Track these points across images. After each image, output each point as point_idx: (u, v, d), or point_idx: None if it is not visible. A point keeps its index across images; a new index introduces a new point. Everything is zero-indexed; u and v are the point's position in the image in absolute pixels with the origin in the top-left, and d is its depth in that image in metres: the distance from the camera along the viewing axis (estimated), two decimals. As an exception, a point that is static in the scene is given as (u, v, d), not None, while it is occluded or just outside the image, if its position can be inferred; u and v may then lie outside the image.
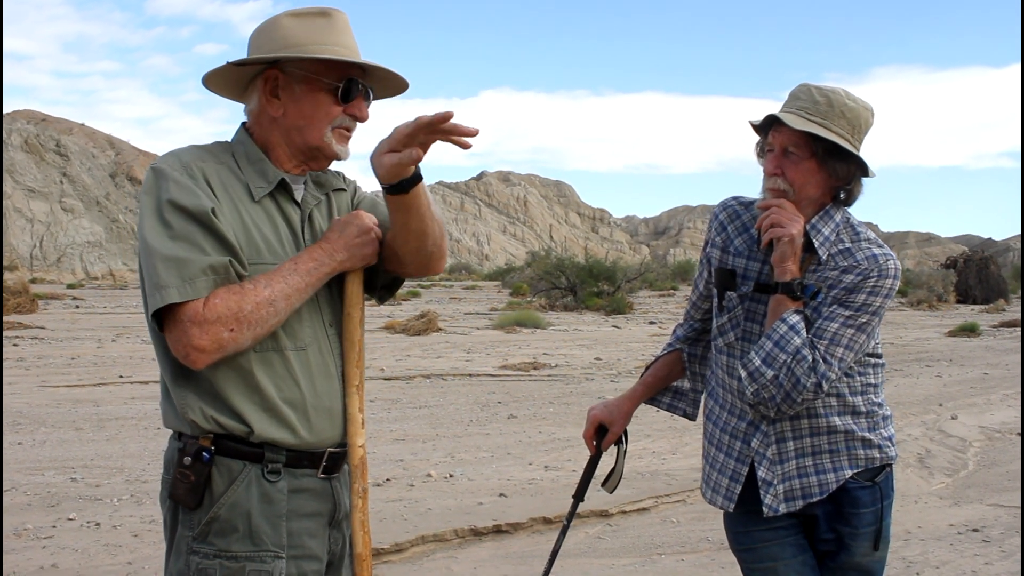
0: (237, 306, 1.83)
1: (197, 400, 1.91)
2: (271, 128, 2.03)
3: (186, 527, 1.92)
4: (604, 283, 31.90)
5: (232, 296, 1.83)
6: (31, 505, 5.84)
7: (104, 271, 69.81)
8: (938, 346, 17.82)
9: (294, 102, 2.00)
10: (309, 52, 1.96)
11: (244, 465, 1.91)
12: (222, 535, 1.90)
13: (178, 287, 1.80)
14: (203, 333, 1.80)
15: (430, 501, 6.06)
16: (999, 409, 10.15)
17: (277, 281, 1.89)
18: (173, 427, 1.97)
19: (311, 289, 1.95)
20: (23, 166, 72.20)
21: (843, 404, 2.42)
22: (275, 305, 1.87)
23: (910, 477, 7.01)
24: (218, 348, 1.82)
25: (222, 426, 1.90)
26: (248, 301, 1.84)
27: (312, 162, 2.07)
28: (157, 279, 1.81)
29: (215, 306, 1.81)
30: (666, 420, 8.94)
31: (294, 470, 1.96)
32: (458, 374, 12.80)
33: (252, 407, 1.91)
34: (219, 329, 1.81)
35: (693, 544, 5.37)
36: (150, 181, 1.90)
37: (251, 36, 2.05)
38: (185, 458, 1.90)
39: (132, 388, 11.09)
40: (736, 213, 2.53)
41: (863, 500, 2.42)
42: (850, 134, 2.33)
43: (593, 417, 2.76)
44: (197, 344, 1.80)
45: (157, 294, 1.81)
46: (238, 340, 1.84)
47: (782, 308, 2.33)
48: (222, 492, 1.90)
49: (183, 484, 1.90)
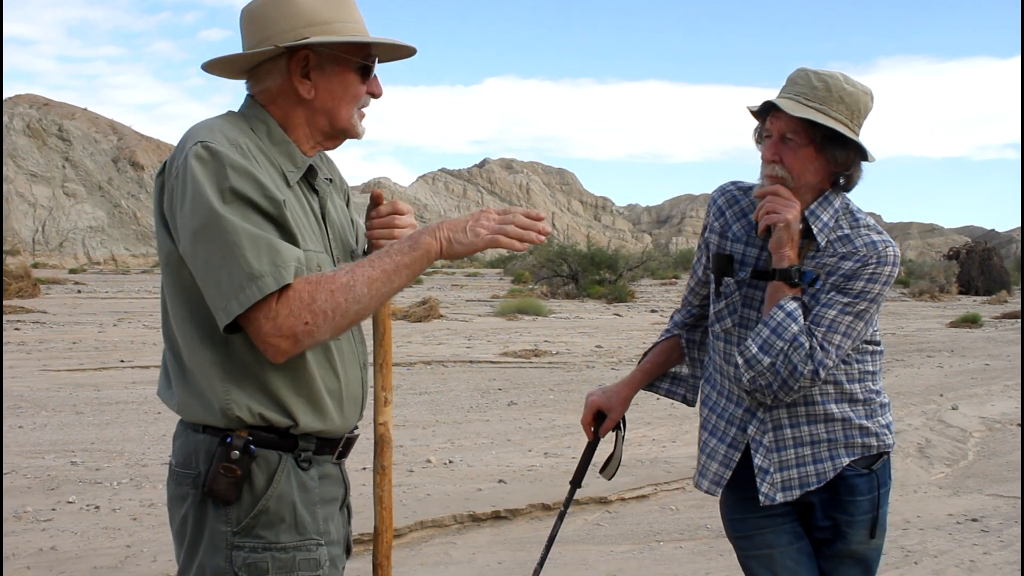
0: (310, 296, 1.73)
1: (244, 396, 1.82)
2: (294, 108, 1.95)
3: (221, 522, 1.84)
4: (606, 271, 31.89)
5: (305, 286, 1.74)
6: (31, 488, 5.86)
7: (106, 256, 69.87)
8: (940, 337, 17.81)
9: (325, 82, 1.93)
10: (339, 32, 1.91)
11: (280, 456, 1.86)
12: (270, 527, 1.85)
13: (274, 275, 1.70)
14: (277, 330, 1.72)
15: (429, 487, 6.06)
16: (1000, 400, 10.14)
17: (360, 267, 1.79)
18: (199, 420, 1.86)
19: (405, 271, 1.82)
20: (25, 151, 72.17)
21: (840, 391, 2.40)
22: (355, 292, 1.76)
23: (910, 467, 7.01)
24: (294, 343, 1.74)
25: (267, 420, 1.84)
26: (322, 290, 1.74)
27: (330, 141, 2.02)
28: (250, 268, 1.69)
29: (289, 298, 1.72)
30: (666, 408, 8.94)
31: (318, 457, 1.94)
32: (459, 361, 12.80)
33: (299, 400, 1.86)
34: (293, 323, 1.72)
35: (691, 532, 5.38)
36: (205, 161, 1.76)
37: (254, 9, 1.95)
38: (233, 452, 1.81)
39: (133, 373, 11.10)
40: (734, 198, 2.50)
41: (860, 488, 2.42)
42: (849, 119, 2.30)
43: (591, 403, 2.74)
44: (273, 341, 1.72)
45: (252, 285, 1.69)
46: (314, 333, 1.74)
47: (779, 295, 2.32)
48: (264, 484, 1.84)
49: (227, 479, 1.81)
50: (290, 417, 1.85)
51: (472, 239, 1.85)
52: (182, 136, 1.86)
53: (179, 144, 1.84)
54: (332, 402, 1.92)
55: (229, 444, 1.82)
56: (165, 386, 1.96)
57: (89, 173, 75.31)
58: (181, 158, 1.79)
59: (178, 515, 1.89)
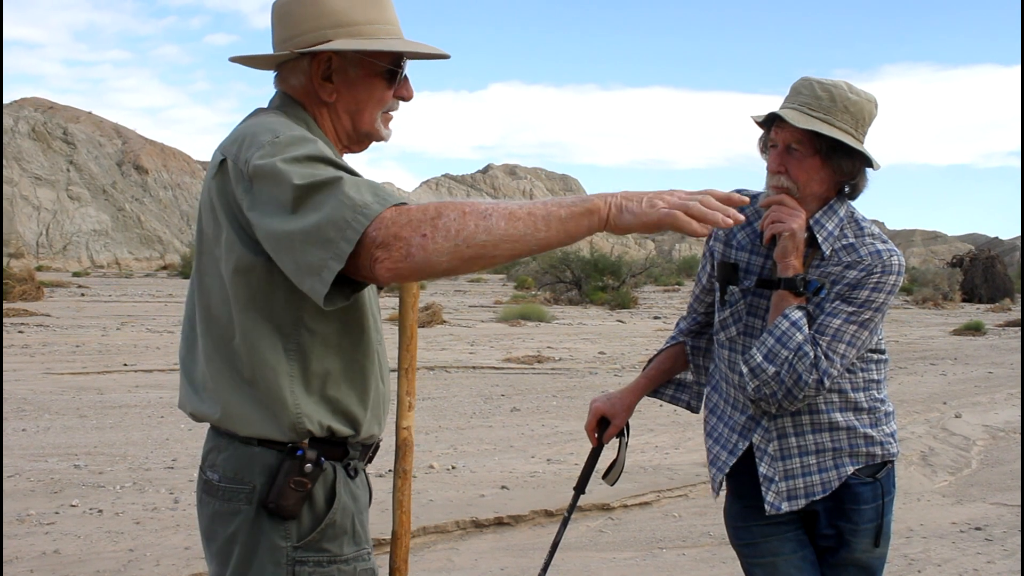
0: (436, 212, 1.50)
1: (315, 409, 1.77)
2: (320, 110, 1.90)
3: (280, 537, 1.76)
4: (609, 277, 31.89)
5: (436, 204, 1.52)
6: (34, 491, 5.86)
7: (110, 259, 69.95)
8: (943, 344, 17.78)
9: (348, 87, 1.87)
10: (365, 35, 1.84)
11: (334, 465, 1.82)
12: (335, 539, 1.80)
13: (380, 201, 1.53)
14: (390, 235, 1.49)
15: (432, 492, 6.06)
16: (1003, 408, 10.12)
17: (508, 201, 1.56)
18: (256, 434, 1.76)
19: (556, 224, 1.54)
20: (30, 154, 72.31)
21: (845, 400, 2.40)
22: (489, 219, 1.50)
23: (913, 475, 7.00)
24: (406, 254, 1.49)
25: (332, 432, 1.79)
26: (454, 209, 1.51)
27: (356, 145, 1.96)
28: (352, 202, 1.52)
29: (409, 210, 1.52)
30: (669, 414, 8.94)
31: (358, 463, 1.91)
32: (462, 366, 12.80)
33: (363, 409, 1.85)
34: (411, 233, 1.49)
35: (695, 539, 5.37)
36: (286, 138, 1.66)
37: (283, 5, 1.88)
38: (307, 465, 1.75)
39: (136, 376, 11.11)
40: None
41: (864, 496, 2.42)
42: (854, 128, 2.30)
43: (595, 409, 2.74)
44: (384, 242, 1.49)
45: (359, 215, 1.51)
46: (431, 249, 1.49)
47: (784, 304, 2.32)
48: (324, 496, 1.80)
49: (296, 493, 1.74)
50: (353, 427, 1.83)
51: (646, 210, 1.56)
52: (244, 132, 1.76)
53: (245, 142, 1.72)
54: (380, 407, 1.93)
55: (302, 458, 1.75)
56: (196, 399, 1.85)
57: (93, 176, 75.43)
58: (255, 154, 1.66)
59: (223, 532, 1.79)
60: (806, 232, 2.33)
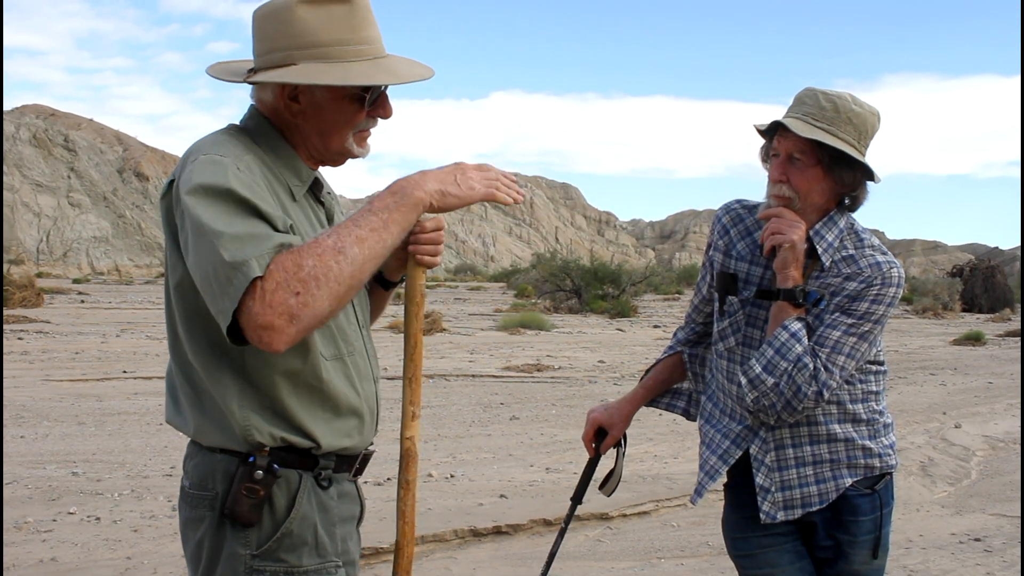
0: (294, 265, 1.57)
1: (264, 422, 1.77)
2: (290, 125, 1.88)
3: (240, 544, 1.77)
4: (609, 286, 31.87)
5: (288, 257, 1.59)
6: (32, 498, 5.85)
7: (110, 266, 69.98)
8: (943, 354, 17.77)
9: (315, 109, 1.84)
10: (334, 57, 1.79)
11: (300, 475, 1.81)
12: (292, 550, 1.80)
13: (257, 259, 1.58)
14: (266, 308, 1.56)
15: (430, 501, 6.05)
16: (1003, 418, 10.11)
17: (341, 226, 1.65)
18: (217, 444, 1.79)
19: (395, 227, 1.70)
20: (31, 160, 72.41)
21: (843, 411, 2.40)
22: (345, 253, 1.61)
23: (912, 485, 6.99)
24: (290, 319, 1.56)
25: (288, 443, 1.79)
26: (307, 256, 1.59)
27: (329, 162, 1.94)
28: (233, 259, 1.57)
29: (271, 273, 1.57)
30: (668, 424, 8.93)
31: (336, 475, 1.90)
32: (461, 375, 12.79)
33: (319, 422, 1.82)
34: (283, 297, 1.56)
35: (693, 549, 5.36)
36: (209, 171, 1.68)
37: (258, 18, 1.85)
38: (257, 472, 1.75)
39: (135, 383, 11.11)
40: (739, 217, 2.50)
41: (862, 508, 2.41)
42: (856, 140, 2.30)
43: (593, 419, 2.74)
44: (265, 321, 1.56)
45: (237, 273, 1.56)
46: (310, 304, 1.58)
47: (784, 315, 2.32)
48: (285, 505, 1.80)
49: (249, 500, 1.75)
50: (311, 439, 1.82)
51: (467, 192, 1.80)
52: (186, 151, 1.79)
53: (183, 159, 1.77)
54: (353, 420, 1.89)
55: (252, 464, 1.76)
56: (175, 411, 1.88)
57: (94, 183, 75.51)
58: (182, 179, 1.71)
59: (193, 538, 1.83)
60: (806, 243, 2.33)
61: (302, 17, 1.79)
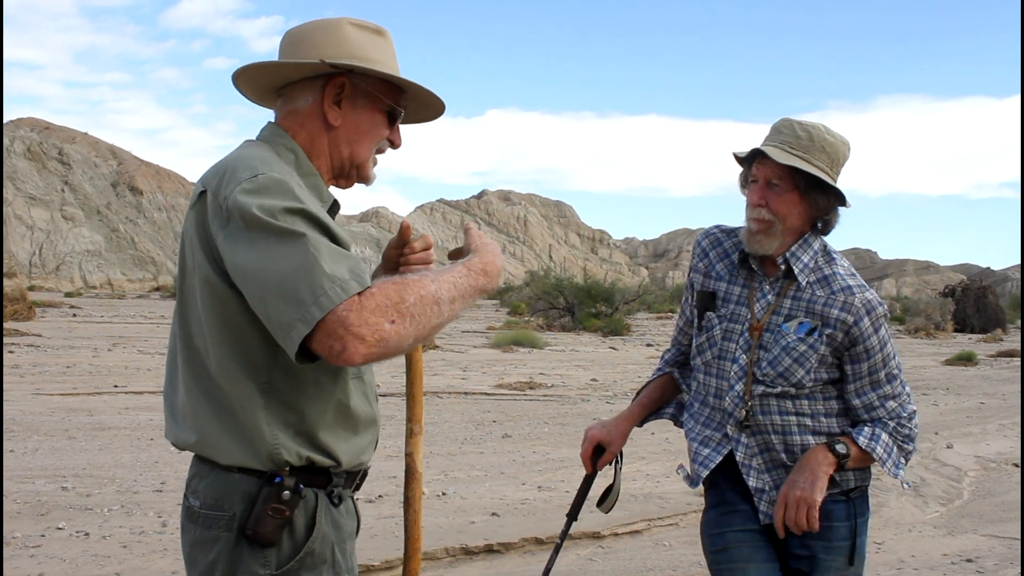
0: (398, 295, 1.60)
1: (293, 441, 1.77)
2: (320, 135, 1.93)
3: (258, 565, 1.76)
4: (602, 304, 31.94)
5: (392, 286, 1.62)
6: (21, 513, 5.81)
7: (102, 280, 69.83)
8: (935, 374, 17.81)
9: (354, 114, 1.94)
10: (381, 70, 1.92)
11: (316, 493, 1.82)
12: (313, 568, 1.80)
13: (356, 279, 1.60)
14: (363, 322, 1.56)
15: (422, 519, 6.02)
16: (995, 439, 10.12)
17: (444, 279, 1.70)
18: (236, 463, 1.77)
19: (468, 302, 1.76)
20: (25, 173, 72.34)
21: (817, 424, 2.52)
22: (440, 306, 1.66)
23: (904, 505, 6.99)
24: (379, 340, 1.58)
25: (312, 462, 1.80)
26: (411, 292, 1.62)
27: (343, 180, 1.99)
28: (331, 272, 1.58)
29: (374, 295, 1.59)
30: (660, 442, 8.92)
31: (344, 491, 1.90)
32: (454, 392, 12.77)
33: (340, 440, 1.84)
34: (379, 320, 1.57)
35: (685, 568, 5.35)
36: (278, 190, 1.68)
37: (300, 34, 1.94)
38: (284, 492, 1.75)
39: (127, 398, 11.06)
40: (718, 240, 2.66)
41: (837, 514, 2.51)
42: (830, 167, 2.45)
43: (592, 436, 2.80)
44: (357, 332, 1.55)
45: (335, 286, 1.57)
46: (400, 335, 1.60)
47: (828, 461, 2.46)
48: (305, 524, 1.80)
49: (275, 520, 1.74)
50: (332, 457, 1.82)
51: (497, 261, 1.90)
52: (225, 166, 1.77)
53: (225, 176, 1.73)
54: (368, 437, 1.92)
55: (280, 484, 1.76)
56: (181, 428, 1.85)
57: (88, 197, 75.45)
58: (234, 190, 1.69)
59: (204, 559, 1.79)
60: (783, 263, 2.48)
61: (352, 34, 1.93)
